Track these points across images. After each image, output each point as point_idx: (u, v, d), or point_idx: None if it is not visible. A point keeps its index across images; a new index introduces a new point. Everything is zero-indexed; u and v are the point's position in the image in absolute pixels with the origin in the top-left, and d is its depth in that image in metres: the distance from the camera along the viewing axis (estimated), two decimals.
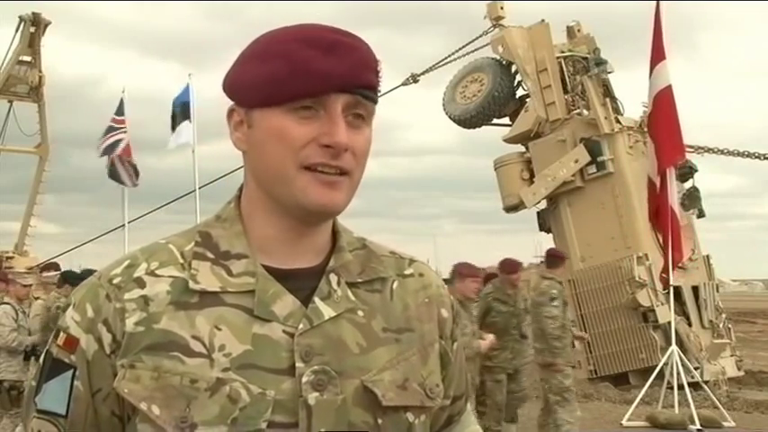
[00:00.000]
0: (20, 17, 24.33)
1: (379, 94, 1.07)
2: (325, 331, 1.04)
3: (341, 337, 1.04)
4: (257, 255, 1.06)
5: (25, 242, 25.53)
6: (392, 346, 1.08)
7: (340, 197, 1.04)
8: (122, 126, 13.33)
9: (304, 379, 1.00)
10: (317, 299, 1.05)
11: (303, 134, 1.01)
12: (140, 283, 1.03)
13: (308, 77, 1.00)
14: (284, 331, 1.02)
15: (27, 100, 25.51)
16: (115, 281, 1.04)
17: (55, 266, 9.89)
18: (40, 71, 24.99)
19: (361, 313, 1.08)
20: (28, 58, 24.89)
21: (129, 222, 12.78)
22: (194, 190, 11.87)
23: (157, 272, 1.04)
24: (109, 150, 13.15)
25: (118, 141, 13.21)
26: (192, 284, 1.03)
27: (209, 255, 1.06)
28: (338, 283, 1.08)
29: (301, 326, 1.02)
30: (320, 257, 1.10)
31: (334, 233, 1.13)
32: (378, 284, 1.12)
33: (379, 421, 1.04)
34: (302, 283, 1.06)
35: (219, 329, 1.01)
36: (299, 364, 1.01)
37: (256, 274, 1.04)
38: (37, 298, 8.93)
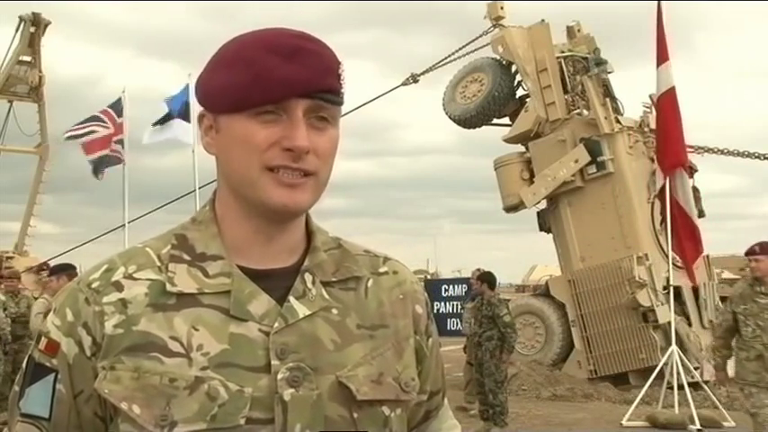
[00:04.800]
0: (20, 17, 24.32)
1: (342, 96, 1.09)
2: (301, 329, 1.06)
3: (316, 335, 1.07)
4: (232, 256, 1.09)
5: (25, 242, 25.53)
6: (366, 343, 1.11)
7: (303, 197, 1.06)
8: (108, 124, 12.75)
9: (279, 376, 1.02)
10: (291, 298, 1.07)
11: (266, 137, 1.04)
12: (118, 286, 1.05)
13: (269, 85, 1.03)
14: (260, 330, 1.04)
15: (27, 100, 25.51)
16: (94, 285, 1.06)
17: (46, 267, 9.91)
18: (40, 71, 24.98)
19: (335, 311, 1.10)
20: (28, 58, 24.88)
21: (129, 222, 12.71)
22: (194, 190, 11.83)
23: (135, 275, 1.06)
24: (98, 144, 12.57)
25: (92, 132, 12.61)
26: (169, 287, 1.05)
27: (186, 257, 1.08)
28: (313, 283, 1.10)
29: (276, 324, 1.05)
30: (295, 257, 1.12)
31: (309, 233, 1.15)
32: (352, 283, 1.15)
33: (355, 415, 1.06)
34: (277, 283, 1.08)
35: (197, 330, 1.03)
36: (274, 362, 1.03)
37: (232, 274, 1.07)
38: (36, 297, 8.96)
